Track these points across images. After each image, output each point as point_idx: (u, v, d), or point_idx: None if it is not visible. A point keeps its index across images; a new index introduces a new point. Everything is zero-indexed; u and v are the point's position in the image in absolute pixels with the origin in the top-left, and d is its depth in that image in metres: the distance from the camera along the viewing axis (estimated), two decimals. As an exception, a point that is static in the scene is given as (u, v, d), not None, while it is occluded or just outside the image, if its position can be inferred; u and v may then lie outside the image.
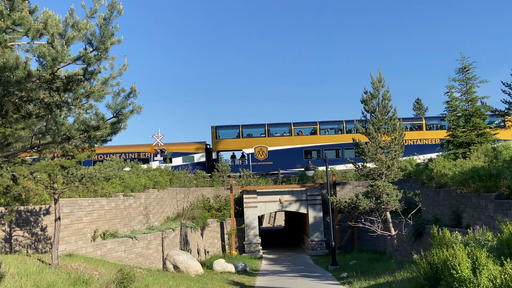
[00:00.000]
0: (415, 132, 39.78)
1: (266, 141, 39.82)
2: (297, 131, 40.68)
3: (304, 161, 37.74)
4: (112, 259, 17.28)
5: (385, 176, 16.54)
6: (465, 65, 22.95)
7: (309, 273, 20.51)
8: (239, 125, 40.64)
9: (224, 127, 41.05)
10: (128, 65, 6.10)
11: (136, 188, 21.79)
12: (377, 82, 16.63)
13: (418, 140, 39.46)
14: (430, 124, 40.49)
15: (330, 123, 41.40)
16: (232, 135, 40.46)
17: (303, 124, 41.18)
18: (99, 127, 6.16)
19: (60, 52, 4.97)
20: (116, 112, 6.24)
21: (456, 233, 12.00)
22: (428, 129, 40.14)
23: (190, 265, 17.99)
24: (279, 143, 39.36)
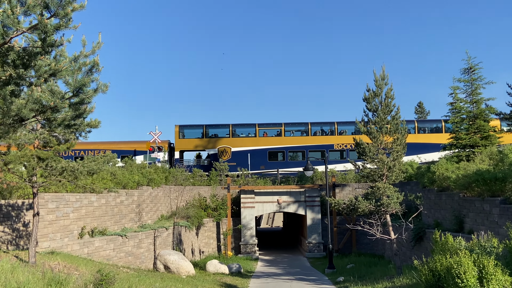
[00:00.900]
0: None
1: (230, 141, 39.30)
2: (262, 132, 40.21)
3: (268, 162, 37.30)
4: (100, 257, 16.62)
5: (386, 178, 15.87)
6: (471, 65, 22.25)
7: (305, 276, 19.83)
8: (203, 124, 40.17)
9: (188, 127, 40.55)
10: (103, 42, 5.46)
11: (128, 185, 21.12)
12: (380, 80, 15.96)
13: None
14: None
15: (295, 125, 40.97)
16: (196, 134, 40.00)
17: (268, 125, 40.74)
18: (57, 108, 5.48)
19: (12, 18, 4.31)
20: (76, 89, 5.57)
21: (459, 239, 11.31)
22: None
23: (181, 265, 17.33)
24: (243, 144, 38.82)
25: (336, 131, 39.84)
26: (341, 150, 39.39)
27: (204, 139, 39.67)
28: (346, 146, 39.17)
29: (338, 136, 39.73)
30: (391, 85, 16.00)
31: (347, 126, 40.46)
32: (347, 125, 40.52)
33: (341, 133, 40.05)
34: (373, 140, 15.82)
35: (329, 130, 40.17)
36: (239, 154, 38.23)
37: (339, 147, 39.47)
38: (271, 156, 38.75)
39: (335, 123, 40.10)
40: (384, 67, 16.03)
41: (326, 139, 39.67)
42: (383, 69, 16.03)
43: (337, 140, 39.57)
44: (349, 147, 38.96)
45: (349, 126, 40.36)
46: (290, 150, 39.40)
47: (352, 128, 39.89)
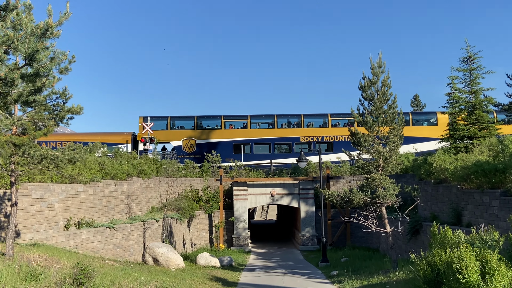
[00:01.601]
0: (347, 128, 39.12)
1: (195, 133, 38.73)
2: (228, 124, 39.70)
3: (234, 155, 36.89)
4: (87, 250, 16.07)
5: (382, 169, 15.38)
6: (470, 55, 21.74)
7: (298, 270, 19.39)
8: (168, 116, 39.61)
9: (152, 118, 40.06)
10: (71, 13, 4.87)
11: (118, 176, 20.56)
12: (376, 67, 15.41)
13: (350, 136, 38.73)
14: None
15: (262, 117, 40.48)
16: (161, 126, 39.35)
17: (234, 118, 40.29)
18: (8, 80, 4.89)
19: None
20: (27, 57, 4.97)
21: (459, 232, 10.85)
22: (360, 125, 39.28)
23: (170, 258, 16.82)
24: (209, 136, 38.30)
25: (302, 123, 39.37)
26: (308, 142, 38.96)
27: (168, 131, 39.08)
28: (313, 138, 38.87)
29: (305, 128, 39.31)
30: (388, 73, 15.47)
31: (314, 119, 40.09)
32: (314, 117, 40.15)
33: (308, 125, 39.64)
34: (369, 130, 15.31)
35: (295, 123, 39.71)
36: (204, 147, 37.67)
37: (305, 139, 39.01)
38: (237, 149, 38.23)
39: (301, 116, 39.67)
40: (381, 54, 15.49)
41: (292, 132, 39.28)
42: (380, 56, 15.48)
43: (304, 132, 39.19)
44: (315, 139, 38.73)
45: (316, 119, 40.02)
46: (256, 143, 38.97)
47: (320, 121, 39.66)
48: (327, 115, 39.55)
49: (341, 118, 39.76)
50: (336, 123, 39.69)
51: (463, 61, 21.96)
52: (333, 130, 39.11)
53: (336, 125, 39.59)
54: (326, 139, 38.93)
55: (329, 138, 38.84)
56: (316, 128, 39.43)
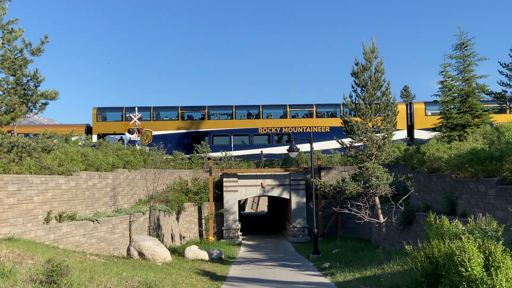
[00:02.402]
0: (307, 120, 38.81)
1: (152, 124, 37.93)
2: (186, 115, 39.08)
3: (192, 146, 36.34)
4: (68, 244, 15.40)
5: (375, 158, 14.85)
6: (463, 41, 21.21)
7: (289, 262, 18.91)
8: (124, 107, 38.79)
9: (107, 109, 39.33)
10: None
11: (102, 167, 19.81)
12: (369, 53, 14.82)
13: (309, 127, 38.44)
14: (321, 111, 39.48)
15: (221, 108, 39.91)
16: (116, 117, 38.67)
17: (192, 109, 39.74)
18: None
19: None
20: None
21: (456, 221, 10.37)
22: (319, 116, 39.06)
23: (156, 252, 16.19)
24: (166, 128, 37.49)
25: (261, 114, 38.82)
26: (267, 134, 38.48)
27: (124, 122, 38.24)
28: (271, 130, 38.42)
29: (264, 120, 38.76)
30: (381, 59, 14.88)
31: (273, 110, 39.60)
32: (273, 108, 39.65)
33: (267, 116, 39.13)
34: (361, 117, 14.74)
35: (255, 114, 39.16)
36: (161, 138, 36.84)
37: (264, 131, 38.50)
38: (195, 140, 37.57)
39: (260, 107, 39.13)
40: (374, 39, 14.89)
41: (251, 123, 38.72)
42: (373, 41, 14.88)
43: (263, 124, 38.66)
44: (274, 131, 38.27)
45: (275, 110, 39.53)
46: (215, 134, 38.43)
47: (280, 112, 39.13)
48: (286, 106, 39.06)
49: (300, 109, 39.41)
50: (295, 114, 39.32)
51: (456, 47, 21.45)
52: (292, 121, 38.74)
53: (295, 116, 39.20)
54: (285, 130, 38.50)
55: (288, 129, 38.39)
56: (275, 119, 38.98)
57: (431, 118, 36.33)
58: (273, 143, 38.03)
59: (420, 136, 37.33)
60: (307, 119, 38.77)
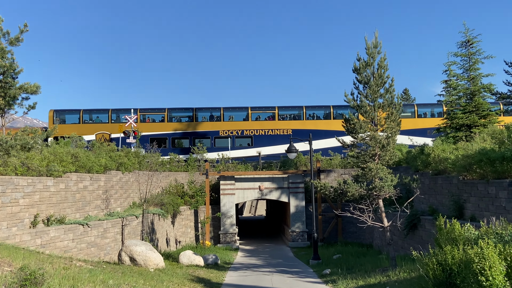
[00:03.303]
0: (269, 122, 38.29)
1: (110, 127, 37.15)
2: (146, 117, 38.39)
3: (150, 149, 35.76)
4: (56, 249, 14.62)
5: (379, 158, 14.11)
6: (469, 38, 20.51)
7: (288, 268, 18.13)
8: (81, 109, 38.11)
9: (65, 112, 38.56)
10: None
11: (94, 169, 19.05)
12: (372, 48, 14.11)
13: (271, 130, 37.89)
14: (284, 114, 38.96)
15: (181, 110, 39.32)
16: (73, 120, 37.98)
17: (152, 111, 39.06)
18: None
19: None
20: None
21: (468, 225, 9.64)
22: (281, 119, 38.53)
23: (149, 257, 15.42)
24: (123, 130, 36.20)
25: (222, 117, 38.24)
26: (228, 136, 37.80)
27: (81, 124, 37.45)
28: (233, 132, 37.86)
29: (225, 122, 38.16)
30: (385, 54, 14.17)
31: (235, 112, 39.03)
32: (235, 111, 39.07)
33: (229, 119, 38.50)
34: (364, 116, 14.03)
35: (216, 116, 38.55)
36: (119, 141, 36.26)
37: (225, 133, 37.87)
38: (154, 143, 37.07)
39: (221, 109, 38.50)
40: (377, 33, 14.17)
41: (212, 125, 38.16)
42: (376, 36, 14.18)
43: (224, 126, 38.06)
44: (235, 133, 37.71)
45: (237, 112, 38.96)
46: (175, 137, 37.76)
47: (242, 115, 38.53)
48: (247, 109, 38.41)
49: (262, 112, 38.89)
50: (257, 116, 38.73)
51: (461, 45, 20.75)
52: (254, 123, 38.16)
53: (257, 118, 38.59)
54: (246, 133, 37.92)
55: (250, 132, 37.80)
56: (236, 121, 38.38)
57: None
58: (234, 146, 37.45)
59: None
60: (269, 122, 38.31)
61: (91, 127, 37.40)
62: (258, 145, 36.82)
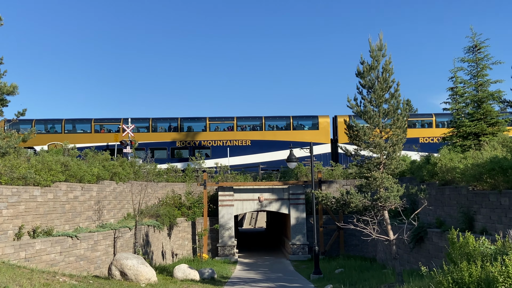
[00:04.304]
0: (227, 133, 37.60)
1: (63, 137, 35.70)
2: (99, 127, 37.57)
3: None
4: (42, 263, 13.80)
5: (384, 167, 13.33)
6: (476, 43, 19.80)
7: (288, 283, 17.25)
8: (33, 119, 37.01)
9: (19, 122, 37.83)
10: None
11: (85, 178, 18.28)
12: (376, 50, 13.41)
13: (229, 141, 37.19)
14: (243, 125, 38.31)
15: (139, 120, 38.17)
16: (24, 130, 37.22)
17: (108, 121, 38.17)
18: None
19: None
20: None
21: (483, 239, 8.84)
22: (241, 129, 37.84)
23: (140, 271, 14.56)
24: (78, 141, 35.19)
25: (179, 127, 37.47)
26: (185, 147, 36.99)
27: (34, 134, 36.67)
28: (190, 143, 37.12)
29: (182, 133, 37.39)
30: (390, 57, 13.47)
31: (194, 123, 38.22)
32: (194, 121, 38.25)
33: (188, 129, 37.80)
34: (368, 121, 13.27)
35: (173, 127, 37.75)
36: None
37: (182, 144, 37.05)
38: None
39: (179, 119, 37.74)
40: (382, 35, 13.47)
41: (169, 136, 37.29)
42: (380, 38, 13.48)
43: (181, 137, 37.27)
44: (192, 144, 37.02)
45: (196, 123, 38.17)
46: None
47: (201, 125, 37.82)
48: (206, 119, 37.71)
49: (221, 122, 38.18)
50: (216, 127, 38.08)
51: (468, 50, 20.05)
52: (212, 134, 37.47)
53: (216, 129, 37.93)
54: (204, 143, 37.15)
55: (208, 143, 37.03)
56: (195, 132, 37.69)
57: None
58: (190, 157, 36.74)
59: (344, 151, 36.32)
60: (227, 133, 37.56)
61: (43, 137, 36.06)
62: (216, 156, 35.97)
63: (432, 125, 37.44)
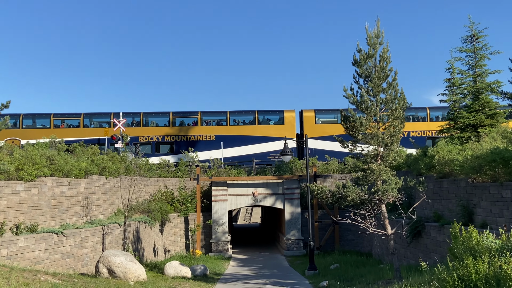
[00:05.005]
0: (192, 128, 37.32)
1: (20, 133, 35.49)
2: (58, 122, 37.00)
3: None
4: (25, 261, 13.22)
5: (381, 158, 12.84)
6: (474, 33, 19.31)
7: (282, 279, 16.77)
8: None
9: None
10: None
11: (72, 173, 17.67)
12: (373, 38, 12.88)
13: (193, 136, 36.84)
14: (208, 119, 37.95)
15: (101, 115, 37.78)
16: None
17: (67, 116, 37.59)
18: None
19: None
20: None
21: (487, 233, 8.39)
22: (206, 124, 37.48)
23: (129, 269, 14.01)
24: (35, 136, 33.70)
25: (142, 122, 36.93)
26: (148, 143, 36.46)
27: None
28: (153, 138, 36.63)
29: (145, 128, 36.87)
30: (387, 45, 12.96)
31: (158, 118, 37.80)
32: (158, 116, 37.81)
33: (152, 124, 37.35)
34: (365, 111, 12.75)
35: (135, 122, 37.22)
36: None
37: (145, 139, 36.48)
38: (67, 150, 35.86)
39: (141, 114, 37.18)
40: (379, 22, 12.96)
41: (132, 131, 36.63)
42: (378, 25, 12.94)
43: (144, 132, 36.69)
44: (155, 139, 36.55)
45: (160, 118, 37.73)
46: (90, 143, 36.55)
47: (165, 120, 37.38)
48: (169, 114, 37.18)
49: (185, 117, 37.69)
50: (181, 122, 37.59)
51: (466, 40, 19.57)
52: (176, 129, 37.01)
53: (181, 124, 37.46)
54: (167, 139, 36.64)
55: (171, 138, 36.49)
56: (157, 127, 37.15)
57: (322, 126, 35.44)
58: (154, 153, 36.10)
59: (309, 145, 36.17)
60: (192, 127, 37.11)
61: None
62: (180, 152, 35.35)
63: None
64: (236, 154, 35.40)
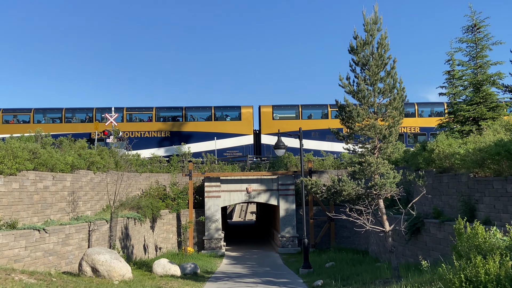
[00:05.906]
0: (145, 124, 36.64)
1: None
2: (10, 118, 36.07)
3: None
4: (3, 258, 12.48)
5: (379, 151, 12.19)
6: (475, 22, 18.66)
7: (275, 278, 16.11)
8: None
9: None
10: None
11: (57, 167, 16.93)
12: (371, 24, 12.20)
13: (147, 132, 36.22)
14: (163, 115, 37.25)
15: (53, 110, 36.81)
16: None
17: (18, 111, 36.60)
18: None
19: None
20: None
21: (494, 229, 7.75)
22: (161, 120, 36.82)
23: (113, 267, 13.33)
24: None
25: (94, 117, 36.20)
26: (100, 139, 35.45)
27: None
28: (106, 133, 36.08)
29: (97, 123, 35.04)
30: (385, 32, 12.30)
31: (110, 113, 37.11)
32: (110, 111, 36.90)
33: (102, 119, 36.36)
34: (362, 101, 12.09)
35: (88, 117, 36.60)
36: None
37: (97, 135, 35.18)
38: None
39: (94, 109, 36.46)
40: (377, 7, 12.28)
41: (83, 127, 35.96)
42: (375, 10, 12.25)
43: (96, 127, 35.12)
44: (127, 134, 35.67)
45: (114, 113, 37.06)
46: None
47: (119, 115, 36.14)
48: (123, 109, 36.39)
49: (139, 113, 37.03)
50: (135, 118, 36.89)
51: (467, 30, 18.92)
52: (129, 125, 36.26)
53: (135, 120, 36.80)
54: (122, 135, 35.81)
55: (124, 134, 35.28)
56: (140, 123, 36.54)
57: (279, 122, 34.92)
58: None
59: (267, 142, 35.79)
60: (146, 123, 36.39)
61: None
62: (135, 148, 34.39)
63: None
64: (194, 151, 34.47)
